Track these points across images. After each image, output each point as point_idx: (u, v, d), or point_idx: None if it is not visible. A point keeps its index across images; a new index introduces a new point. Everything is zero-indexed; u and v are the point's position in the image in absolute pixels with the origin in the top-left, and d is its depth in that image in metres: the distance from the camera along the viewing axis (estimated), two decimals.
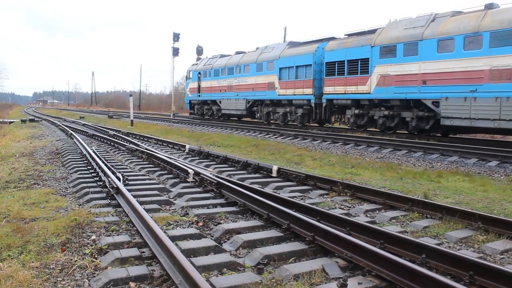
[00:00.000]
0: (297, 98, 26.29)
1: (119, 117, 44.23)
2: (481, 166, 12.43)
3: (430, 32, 18.33)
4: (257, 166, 10.52)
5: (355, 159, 13.34)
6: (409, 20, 19.96)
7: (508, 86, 15.55)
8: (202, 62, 39.15)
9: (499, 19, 16.03)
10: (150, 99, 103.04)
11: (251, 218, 6.31)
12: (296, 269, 4.22)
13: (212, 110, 37.19)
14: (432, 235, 5.75)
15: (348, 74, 22.38)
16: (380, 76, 20.46)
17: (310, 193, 8.37)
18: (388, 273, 3.97)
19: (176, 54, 44.96)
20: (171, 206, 7.06)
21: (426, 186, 9.26)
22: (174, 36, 44.44)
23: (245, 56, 32.29)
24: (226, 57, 35.57)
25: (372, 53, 20.86)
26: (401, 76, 19.45)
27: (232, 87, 33.06)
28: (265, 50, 30.14)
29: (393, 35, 20.09)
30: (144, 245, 4.87)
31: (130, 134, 20.43)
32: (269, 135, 22.16)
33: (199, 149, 13.51)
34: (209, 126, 28.88)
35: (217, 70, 35.43)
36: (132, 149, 13.92)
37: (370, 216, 6.68)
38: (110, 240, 4.97)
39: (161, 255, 4.32)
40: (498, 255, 5.01)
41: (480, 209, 7.00)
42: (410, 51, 19.06)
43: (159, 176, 9.81)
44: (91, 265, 4.29)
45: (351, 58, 22.19)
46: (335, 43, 23.86)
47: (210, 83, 36.37)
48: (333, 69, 23.41)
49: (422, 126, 19.28)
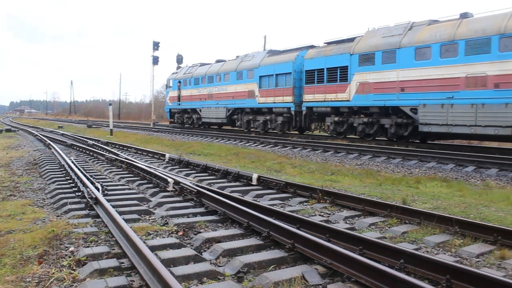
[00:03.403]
0: (277, 106, 26.41)
1: (99, 126, 43.82)
2: (458, 172, 12.63)
3: (407, 40, 18.62)
4: (237, 174, 10.52)
5: (335, 166, 13.43)
6: (387, 29, 20.26)
7: (483, 93, 15.87)
8: (182, 70, 39.10)
9: (474, 28, 16.39)
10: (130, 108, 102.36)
11: (231, 226, 6.31)
12: (276, 276, 4.23)
13: (192, 119, 37.11)
14: (410, 240, 5.81)
15: (328, 82, 22.57)
16: (359, 83, 20.69)
17: (290, 200, 8.40)
18: (367, 279, 4.00)
19: (156, 63, 44.89)
20: (151, 216, 7.01)
21: (404, 192, 9.37)
22: (154, 45, 44.39)
23: (225, 65, 32.36)
24: (206, 65, 35.59)
25: (351, 61, 21.10)
26: (380, 83, 19.70)
27: (212, 95, 33.06)
28: (245, 58, 30.24)
29: (371, 43, 20.35)
30: (123, 256, 4.83)
31: (110, 144, 20.25)
32: (250, 143, 22.19)
33: (179, 158, 13.47)
34: (189, 135, 28.79)
35: (197, 78, 35.42)
36: (111, 159, 13.80)
37: (349, 223, 6.73)
38: (89, 251, 4.92)
39: (140, 265, 4.29)
40: (474, 258, 5.10)
41: (457, 214, 7.11)
42: (388, 59, 19.33)
43: (139, 186, 9.74)
44: (69, 277, 4.23)
45: (330, 66, 22.40)
46: (315, 51, 24.07)
47: (190, 91, 36.32)
48: (312, 77, 23.60)
49: (401, 133, 19.53)
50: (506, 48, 15.34)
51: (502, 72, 15.40)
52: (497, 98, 15.48)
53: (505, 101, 15.22)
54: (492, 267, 4.84)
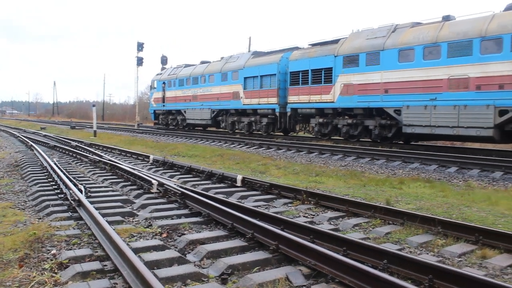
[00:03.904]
0: (262, 107, 26.44)
1: (82, 127, 43.41)
2: (441, 172, 12.77)
3: (391, 42, 18.78)
4: (222, 176, 10.50)
5: (319, 168, 13.48)
6: (371, 31, 20.41)
7: (465, 95, 16.08)
8: (167, 71, 38.95)
9: (456, 31, 16.59)
10: (114, 109, 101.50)
11: (215, 228, 6.29)
12: (260, 278, 4.23)
13: (176, 120, 36.97)
14: (394, 240, 5.86)
15: (312, 84, 22.66)
16: (343, 85, 20.80)
17: (275, 202, 8.40)
18: (351, 280, 4.02)
19: (140, 64, 44.66)
20: (135, 218, 6.97)
21: (388, 193, 9.43)
22: (138, 46, 44.14)
23: (210, 66, 32.31)
24: (191, 66, 35.50)
25: (336, 62, 21.21)
26: (364, 85, 19.83)
27: (197, 96, 32.98)
28: (230, 59, 30.23)
29: (355, 45, 20.48)
30: (106, 258, 4.78)
31: (93, 145, 20.08)
32: (234, 144, 22.17)
33: (163, 160, 13.40)
34: (173, 136, 28.67)
35: (181, 79, 35.31)
36: (95, 160, 13.68)
37: (333, 224, 6.76)
38: (71, 254, 4.86)
39: (123, 268, 4.25)
40: (456, 258, 5.16)
41: (439, 214, 7.17)
42: (372, 60, 19.47)
43: (123, 188, 9.66)
44: (50, 280, 4.18)
45: (315, 68, 22.49)
46: (299, 53, 24.15)
47: (175, 92, 36.19)
48: (297, 79, 23.67)
49: (385, 134, 19.68)
50: (487, 50, 15.56)
51: (483, 74, 15.61)
52: (478, 99, 15.69)
53: (486, 103, 15.44)
54: (474, 267, 4.89)
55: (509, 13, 15.62)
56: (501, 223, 6.73)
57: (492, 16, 15.92)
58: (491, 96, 15.37)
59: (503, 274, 4.69)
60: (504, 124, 15.30)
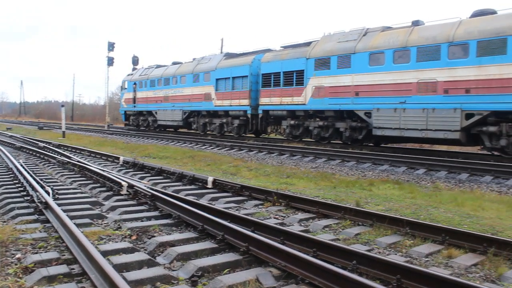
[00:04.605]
0: (234, 109, 26.43)
1: (50, 128, 42.58)
2: (410, 174, 12.99)
3: (362, 46, 19.03)
4: (193, 177, 10.45)
5: (290, 169, 13.55)
6: (342, 34, 20.65)
7: (433, 98, 16.42)
8: (138, 72, 38.56)
9: (424, 36, 16.94)
10: (83, 110, 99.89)
11: (185, 230, 6.25)
12: (230, 280, 4.22)
13: (148, 121, 36.62)
14: (363, 241, 5.93)
15: (284, 86, 22.78)
16: (315, 87, 20.97)
17: (246, 203, 8.41)
18: (320, 281, 4.05)
19: (111, 64, 44.04)
20: (104, 220, 6.86)
21: (358, 194, 9.54)
22: (109, 46, 43.54)
23: (182, 67, 32.13)
24: (163, 67, 35.23)
25: (307, 65, 21.37)
26: (335, 87, 20.03)
27: (168, 98, 32.75)
28: (202, 61, 30.14)
29: (327, 48, 20.68)
30: (74, 262, 4.69)
31: (62, 146, 19.70)
32: (206, 146, 22.10)
33: (134, 161, 13.26)
34: (144, 138, 28.40)
35: (153, 80, 35.01)
36: (63, 162, 13.43)
37: (304, 225, 6.80)
38: (37, 257, 4.75)
39: (91, 271, 4.18)
40: (424, 258, 5.26)
41: (408, 215, 7.29)
42: (343, 63, 19.69)
43: (92, 189, 9.51)
44: (14, 285, 4.07)
45: (286, 70, 22.61)
46: (271, 55, 24.25)
47: (146, 93, 35.85)
48: (269, 81, 23.76)
49: (355, 136, 19.92)
50: (454, 55, 15.94)
51: (451, 79, 15.98)
52: (446, 103, 16.04)
53: (453, 106, 15.80)
54: (440, 266, 5.00)
55: (475, 20, 16.03)
56: (467, 223, 6.89)
57: (459, 22, 16.31)
58: (458, 100, 15.73)
59: (468, 273, 4.81)
60: (470, 127, 15.68)
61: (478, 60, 15.25)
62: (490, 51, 14.99)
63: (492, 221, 7.06)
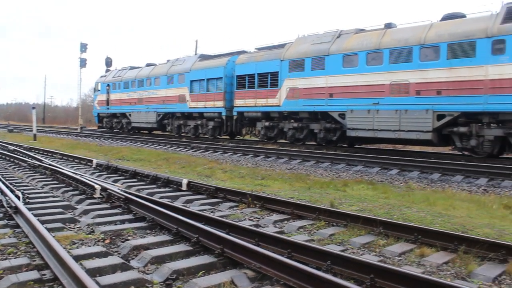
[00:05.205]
0: (208, 110, 26.36)
1: (21, 131, 41.72)
2: (383, 175, 13.16)
3: (336, 48, 19.21)
4: (167, 180, 10.38)
5: (265, 171, 13.57)
6: (316, 36, 20.81)
7: (405, 100, 16.68)
8: (111, 74, 38.15)
9: (397, 38, 17.21)
10: (55, 112, 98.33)
11: (160, 233, 6.20)
12: (205, 282, 4.21)
13: (121, 123, 36.24)
14: (337, 242, 5.97)
15: (259, 87, 22.83)
16: (289, 89, 21.07)
17: (220, 205, 8.39)
18: (295, 281, 4.07)
19: (84, 65, 43.43)
20: (76, 224, 6.75)
21: (332, 195, 9.60)
22: (82, 47, 42.93)
23: (156, 69, 31.91)
24: (136, 69, 34.94)
25: (282, 67, 21.46)
26: (309, 89, 20.16)
27: (142, 99, 32.48)
28: (176, 62, 29.99)
29: (301, 49, 20.81)
30: (45, 267, 4.60)
31: (33, 149, 19.33)
32: (180, 148, 21.97)
33: (107, 164, 13.09)
34: (118, 140, 28.07)
35: (126, 82, 34.68)
36: (34, 165, 13.17)
37: (278, 227, 6.81)
38: (6, 264, 4.64)
39: (63, 276, 4.11)
40: (397, 257, 5.33)
41: (381, 215, 7.38)
42: (317, 65, 19.84)
43: (64, 193, 9.35)
44: None
45: (261, 72, 22.66)
46: (246, 57, 24.27)
47: (120, 95, 35.48)
48: (243, 82, 23.77)
49: (330, 138, 20.08)
50: (426, 58, 16.23)
51: (422, 80, 16.26)
52: (418, 104, 16.32)
53: (425, 108, 16.08)
54: (413, 265, 5.07)
55: (445, 23, 16.37)
56: (438, 222, 7.01)
57: (430, 25, 16.62)
58: (429, 101, 16.02)
59: (439, 270, 4.89)
60: (442, 128, 15.99)
61: (448, 62, 15.57)
62: (460, 54, 15.32)
63: (462, 219, 7.21)
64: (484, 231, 6.38)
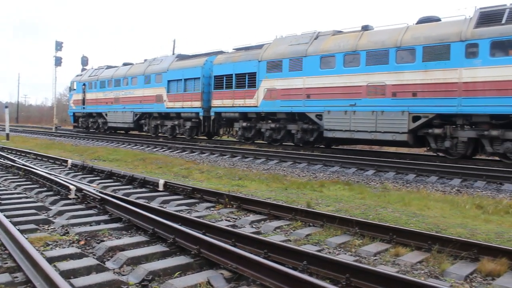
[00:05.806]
0: (186, 111, 26.24)
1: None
2: (360, 175, 13.29)
3: (313, 49, 19.32)
4: (143, 180, 10.30)
5: (242, 171, 13.57)
6: (294, 37, 20.90)
7: (382, 101, 16.88)
8: (87, 73, 37.68)
9: (374, 40, 17.40)
10: (29, 111, 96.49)
11: (136, 234, 6.15)
12: (181, 283, 4.19)
13: (97, 123, 35.80)
14: (313, 242, 6.01)
15: (236, 88, 22.81)
16: (267, 90, 21.11)
17: (197, 206, 8.36)
18: (271, 282, 4.08)
19: (59, 64, 42.73)
20: (50, 225, 6.64)
21: (309, 195, 9.65)
22: (57, 45, 42.23)
23: (133, 68, 31.63)
24: (113, 68, 34.57)
25: (259, 67, 21.49)
26: (287, 90, 20.23)
27: (119, 99, 32.15)
28: (154, 62, 29.78)
29: (279, 50, 20.87)
30: (17, 270, 4.51)
31: (5, 149, 18.96)
32: (157, 148, 21.82)
33: (83, 164, 12.92)
34: (94, 140, 27.74)
35: (103, 81, 34.29)
36: (7, 166, 12.91)
37: (255, 227, 6.82)
38: None
39: (36, 279, 4.04)
40: (372, 257, 5.39)
41: (357, 215, 7.45)
42: (295, 66, 19.93)
43: (38, 194, 9.19)
44: None
45: (239, 72, 22.66)
46: (223, 57, 24.24)
47: (96, 95, 35.06)
48: (221, 83, 23.73)
49: (307, 138, 20.18)
50: (402, 60, 16.45)
51: (398, 82, 16.47)
52: (394, 106, 16.53)
53: (401, 109, 16.29)
54: (388, 264, 5.14)
55: (421, 26, 16.62)
56: (413, 222, 7.11)
57: (406, 28, 16.86)
58: (405, 103, 16.24)
59: (414, 269, 4.97)
60: (417, 129, 16.23)
61: (424, 64, 15.81)
62: (435, 57, 15.57)
63: (436, 219, 7.32)
64: (457, 231, 6.50)
